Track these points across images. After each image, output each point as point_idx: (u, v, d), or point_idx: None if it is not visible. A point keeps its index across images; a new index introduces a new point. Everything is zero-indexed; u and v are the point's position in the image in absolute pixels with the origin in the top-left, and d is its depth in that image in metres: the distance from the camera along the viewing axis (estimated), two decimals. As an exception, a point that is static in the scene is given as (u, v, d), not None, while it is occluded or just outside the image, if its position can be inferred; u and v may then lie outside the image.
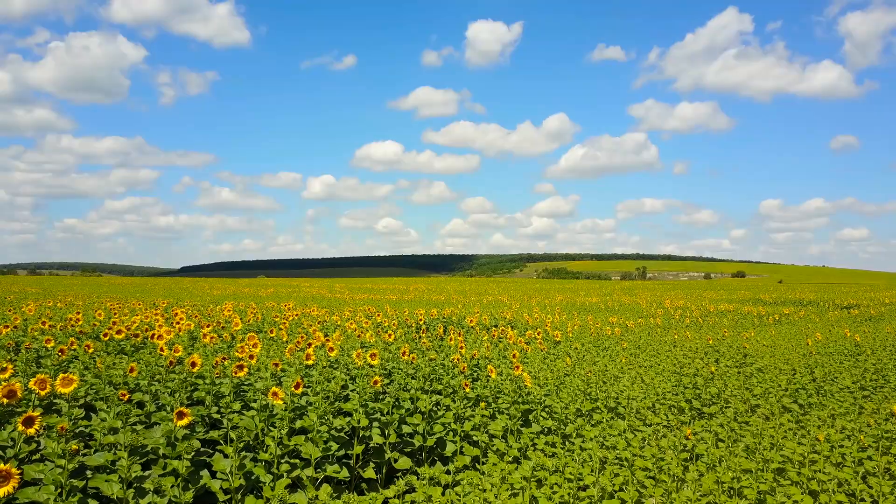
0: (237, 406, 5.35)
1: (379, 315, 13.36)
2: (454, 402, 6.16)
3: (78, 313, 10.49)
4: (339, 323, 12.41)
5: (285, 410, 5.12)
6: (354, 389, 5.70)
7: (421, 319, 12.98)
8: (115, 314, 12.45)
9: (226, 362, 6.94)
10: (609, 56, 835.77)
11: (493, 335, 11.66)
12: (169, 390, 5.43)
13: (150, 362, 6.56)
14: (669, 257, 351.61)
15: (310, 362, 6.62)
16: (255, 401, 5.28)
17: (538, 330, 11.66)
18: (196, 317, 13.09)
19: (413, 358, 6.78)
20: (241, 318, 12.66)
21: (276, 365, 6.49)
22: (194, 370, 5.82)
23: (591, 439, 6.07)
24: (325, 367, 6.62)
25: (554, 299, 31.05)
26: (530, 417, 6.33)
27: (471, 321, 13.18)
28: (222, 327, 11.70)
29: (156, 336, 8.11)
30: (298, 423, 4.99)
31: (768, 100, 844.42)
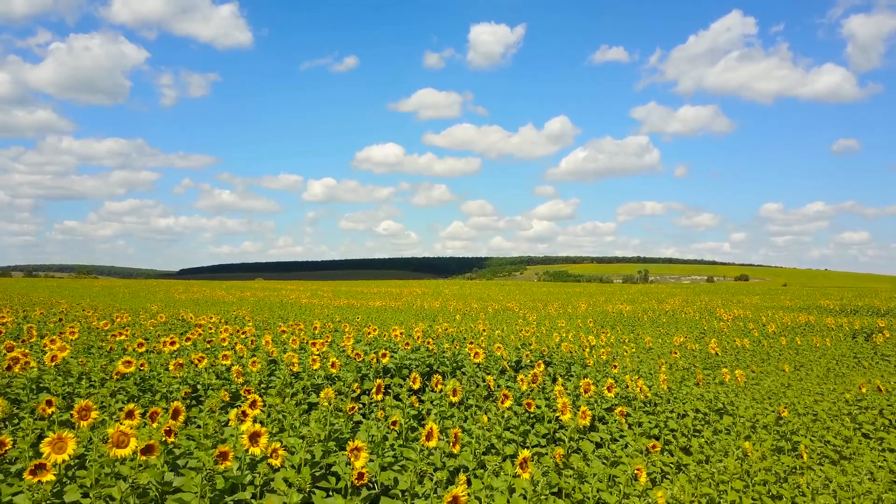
0: None
1: (323, 344, 7.64)
2: None
3: None
4: (231, 363, 6.74)
5: None
6: None
7: (385, 356, 7.25)
8: None
9: None
10: (611, 58, 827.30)
11: (523, 395, 6.00)
12: None
13: None
14: (670, 260, 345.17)
15: None
16: None
17: (608, 382, 5.97)
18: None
19: None
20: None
21: None
22: None
23: None
24: None
25: (577, 308, 25.13)
26: None
27: (474, 354, 7.37)
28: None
29: None
30: None
31: (770, 102, 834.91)
